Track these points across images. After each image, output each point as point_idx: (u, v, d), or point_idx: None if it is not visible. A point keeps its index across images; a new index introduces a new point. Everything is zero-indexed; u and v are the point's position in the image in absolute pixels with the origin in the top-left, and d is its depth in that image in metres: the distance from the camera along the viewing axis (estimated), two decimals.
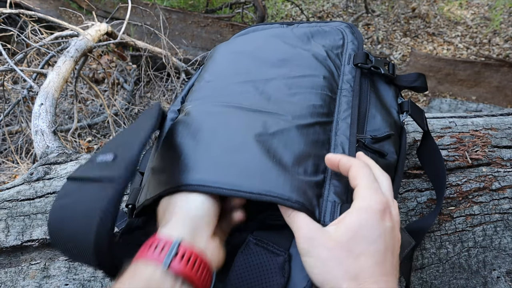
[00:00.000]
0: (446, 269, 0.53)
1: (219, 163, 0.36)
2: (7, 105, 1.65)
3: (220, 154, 0.37)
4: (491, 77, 2.60)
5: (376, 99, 0.50)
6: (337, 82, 0.48)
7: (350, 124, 0.43)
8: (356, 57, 0.51)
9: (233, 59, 0.53)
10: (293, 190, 0.34)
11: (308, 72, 0.48)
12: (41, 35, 1.51)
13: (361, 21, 3.37)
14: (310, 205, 0.35)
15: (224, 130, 0.40)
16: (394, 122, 0.50)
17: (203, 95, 0.48)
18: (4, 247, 0.51)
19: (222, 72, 0.51)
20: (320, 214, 0.36)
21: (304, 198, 0.35)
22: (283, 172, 0.35)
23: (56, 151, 0.69)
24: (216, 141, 0.39)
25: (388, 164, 0.46)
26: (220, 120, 0.41)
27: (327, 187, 0.38)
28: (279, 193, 0.34)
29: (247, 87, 0.47)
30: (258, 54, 0.52)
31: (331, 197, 0.37)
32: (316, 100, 0.44)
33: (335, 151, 0.41)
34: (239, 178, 0.35)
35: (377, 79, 0.53)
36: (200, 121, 0.42)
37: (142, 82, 2.35)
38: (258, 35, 0.58)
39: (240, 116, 0.42)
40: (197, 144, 0.39)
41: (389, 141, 0.47)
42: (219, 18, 2.92)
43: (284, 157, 0.37)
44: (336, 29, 0.56)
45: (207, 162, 0.37)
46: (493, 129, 0.63)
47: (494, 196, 0.56)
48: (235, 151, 0.37)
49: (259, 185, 0.34)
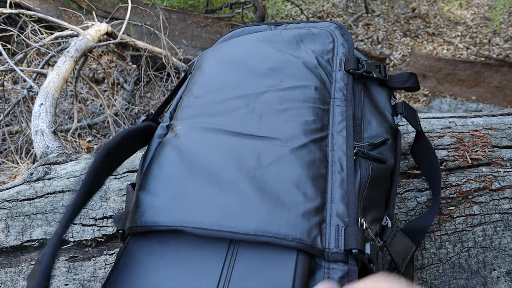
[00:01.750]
0: (446, 269, 0.53)
1: (214, 204, 0.36)
2: (7, 105, 1.65)
3: (214, 194, 0.37)
4: (491, 77, 2.60)
5: (370, 103, 0.49)
6: (329, 91, 0.47)
7: (346, 137, 0.42)
8: (347, 62, 0.50)
9: (222, 70, 0.52)
10: (288, 227, 0.34)
11: (299, 83, 0.47)
12: (41, 35, 1.51)
13: (361, 21, 3.37)
14: (309, 238, 0.34)
15: (218, 165, 0.39)
16: (390, 126, 0.49)
17: (192, 113, 0.47)
18: (4, 247, 0.51)
19: (211, 86, 0.50)
20: (324, 241, 0.35)
21: (302, 233, 0.34)
22: (279, 209, 0.35)
23: (56, 151, 0.69)
24: (209, 178, 0.38)
25: (387, 171, 0.45)
26: (213, 150, 0.41)
27: (328, 210, 0.37)
28: (274, 232, 0.34)
29: (237, 104, 0.46)
30: (247, 63, 0.51)
31: (334, 221, 0.36)
32: (309, 115, 0.43)
33: (333, 168, 0.40)
34: (236, 219, 0.35)
35: (370, 83, 0.52)
36: (192, 151, 0.41)
37: (142, 82, 2.36)
38: (245, 40, 0.57)
39: (233, 146, 0.41)
40: (191, 178, 0.39)
41: (385, 146, 0.46)
42: (219, 18, 2.92)
43: (280, 189, 0.37)
44: (325, 32, 0.55)
45: (202, 202, 0.37)
46: (493, 129, 0.63)
47: (494, 196, 0.56)
48: (229, 190, 0.37)
49: (256, 226, 0.34)
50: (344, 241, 0.34)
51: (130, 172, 0.58)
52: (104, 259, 0.50)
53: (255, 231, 0.34)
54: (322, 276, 0.33)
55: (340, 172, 0.40)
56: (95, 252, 0.51)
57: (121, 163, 0.44)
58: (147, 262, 0.36)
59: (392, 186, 0.46)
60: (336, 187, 0.39)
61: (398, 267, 0.39)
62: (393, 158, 0.47)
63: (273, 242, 0.33)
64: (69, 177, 0.58)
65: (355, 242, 0.34)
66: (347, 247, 0.34)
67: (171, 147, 0.43)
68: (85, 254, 0.51)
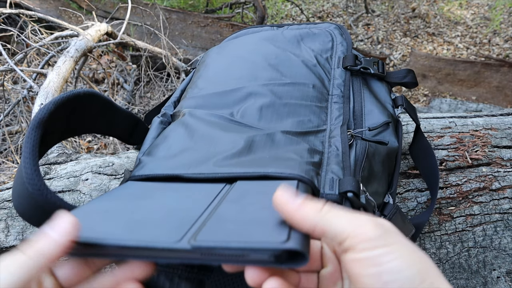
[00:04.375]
0: (446, 269, 0.53)
1: (213, 156, 0.38)
2: (7, 105, 1.65)
3: (213, 151, 0.39)
4: (491, 77, 2.60)
5: (370, 95, 0.50)
6: (328, 88, 0.49)
7: (341, 124, 0.44)
8: (345, 59, 0.52)
9: (226, 65, 0.54)
10: (287, 168, 0.34)
11: (298, 80, 0.48)
12: (41, 35, 1.51)
13: (361, 21, 3.37)
14: (308, 175, 0.34)
15: (217, 137, 0.41)
16: (391, 115, 0.50)
17: (196, 103, 0.49)
18: (4, 247, 0.51)
19: (215, 79, 0.52)
20: (319, 186, 0.35)
21: (300, 171, 0.34)
22: (278, 161, 0.36)
23: (56, 151, 0.69)
24: (209, 142, 0.41)
25: (390, 151, 0.46)
26: (214, 127, 0.43)
27: (324, 168, 0.38)
28: (273, 171, 0.33)
29: (239, 96, 0.47)
30: (250, 59, 0.53)
31: (329, 175, 0.37)
32: (305, 115, 0.45)
33: (329, 149, 0.41)
34: (236, 167, 0.35)
35: (369, 78, 0.53)
36: (196, 126, 0.44)
37: (142, 82, 2.35)
38: (249, 38, 0.59)
39: (232, 131, 0.42)
40: (192, 141, 0.41)
41: (389, 130, 0.47)
42: (219, 18, 2.92)
43: (279, 151, 0.38)
44: (325, 31, 0.57)
45: (202, 156, 0.38)
46: (493, 129, 0.63)
47: (494, 196, 0.56)
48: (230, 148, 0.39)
49: (255, 169, 0.34)
50: (339, 187, 0.35)
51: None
52: None
53: (253, 171, 0.34)
54: None
55: (336, 151, 0.40)
56: None
57: (79, 126, 0.42)
58: (142, 188, 0.35)
59: (395, 170, 0.47)
60: (332, 157, 0.39)
61: None
62: (396, 141, 0.48)
63: (272, 175, 0.33)
64: (69, 177, 0.58)
65: (349, 186, 0.34)
66: (342, 190, 0.34)
67: (177, 124, 0.45)
68: None
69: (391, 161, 0.47)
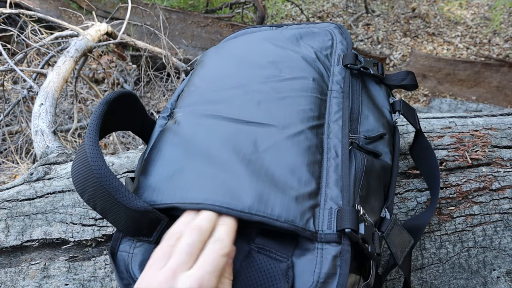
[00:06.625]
0: (446, 269, 0.53)
1: (209, 182, 0.37)
2: (7, 105, 1.65)
3: (210, 174, 0.38)
4: (491, 77, 2.61)
5: (368, 99, 0.50)
6: (327, 83, 0.49)
7: (342, 126, 0.43)
8: (345, 57, 0.51)
9: (223, 63, 0.53)
10: (282, 209, 0.35)
11: (297, 74, 0.48)
12: (41, 35, 1.51)
13: (361, 21, 3.37)
14: (302, 220, 0.35)
15: (215, 148, 0.40)
16: (387, 122, 0.50)
17: (192, 101, 0.48)
18: (4, 247, 0.51)
19: (212, 77, 0.51)
20: (316, 224, 0.35)
21: (294, 216, 0.35)
22: (274, 191, 0.36)
23: (56, 151, 0.69)
24: (206, 160, 0.39)
25: (384, 166, 0.46)
26: (211, 135, 0.42)
27: (322, 195, 0.37)
28: (268, 212, 0.34)
29: (236, 92, 0.47)
30: (248, 57, 0.52)
31: (328, 204, 0.37)
32: (306, 104, 0.44)
33: (328, 154, 0.41)
34: (231, 197, 0.35)
35: (368, 80, 0.53)
36: (190, 136, 0.42)
37: (142, 82, 2.35)
38: (248, 38, 0.58)
39: (230, 132, 0.42)
40: (188, 159, 0.40)
41: (382, 141, 0.47)
42: (219, 18, 2.92)
43: (275, 173, 0.37)
44: (325, 30, 0.56)
45: (198, 180, 0.38)
46: (493, 129, 0.63)
47: (494, 196, 0.56)
48: (225, 171, 0.38)
49: (251, 204, 0.35)
50: (337, 222, 0.35)
51: (130, 172, 0.58)
52: (104, 259, 0.50)
53: (249, 209, 0.34)
54: (314, 257, 0.34)
55: (335, 158, 0.40)
56: (95, 252, 0.51)
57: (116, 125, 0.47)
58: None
59: (391, 181, 0.47)
60: (331, 172, 0.39)
61: (395, 259, 0.40)
62: (389, 153, 0.47)
63: (266, 222, 0.34)
64: (69, 177, 0.58)
65: (347, 222, 0.34)
66: (340, 227, 0.34)
67: (170, 133, 0.44)
68: (85, 254, 0.51)
69: (386, 174, 0.47)
